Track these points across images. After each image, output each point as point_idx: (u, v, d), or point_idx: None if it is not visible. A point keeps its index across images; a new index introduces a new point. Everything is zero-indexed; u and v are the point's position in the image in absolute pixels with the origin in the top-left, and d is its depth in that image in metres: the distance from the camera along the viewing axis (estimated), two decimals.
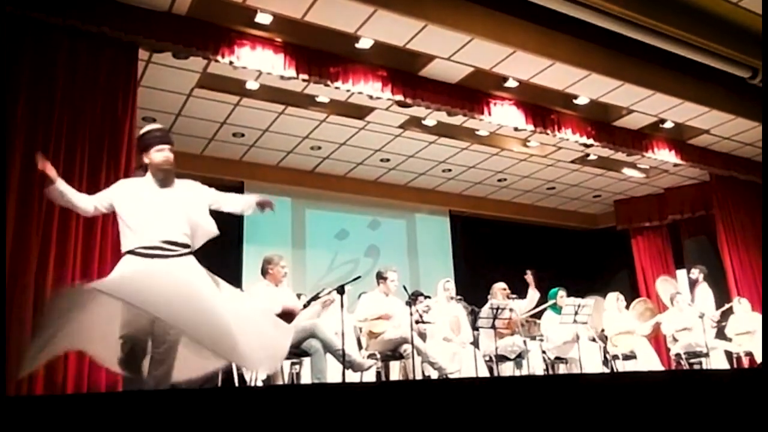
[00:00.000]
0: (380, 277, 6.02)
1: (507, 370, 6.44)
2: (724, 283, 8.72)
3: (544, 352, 6.88)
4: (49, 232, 4.56)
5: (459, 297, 6.50)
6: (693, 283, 8.46)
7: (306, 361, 5.39)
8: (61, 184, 3.27)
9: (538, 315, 7.37)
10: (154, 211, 3.29)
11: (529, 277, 7.11)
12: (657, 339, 8.38)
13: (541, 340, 6.99)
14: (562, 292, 7.23)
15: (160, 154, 3.39)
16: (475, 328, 6.22)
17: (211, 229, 3.45)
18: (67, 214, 4.62)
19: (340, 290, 4.83)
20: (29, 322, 4.18)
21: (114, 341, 3.14)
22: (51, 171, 3.23)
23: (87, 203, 3.36)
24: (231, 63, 5.61)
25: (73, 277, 4.55)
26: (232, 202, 3.61)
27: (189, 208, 3.38)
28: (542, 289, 7.31)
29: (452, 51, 6.19)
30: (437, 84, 6.70)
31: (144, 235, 3.24)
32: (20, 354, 3.36)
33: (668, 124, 8.00)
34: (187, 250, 3.33)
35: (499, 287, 6.91)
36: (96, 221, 4.63)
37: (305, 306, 5.28)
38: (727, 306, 7.97)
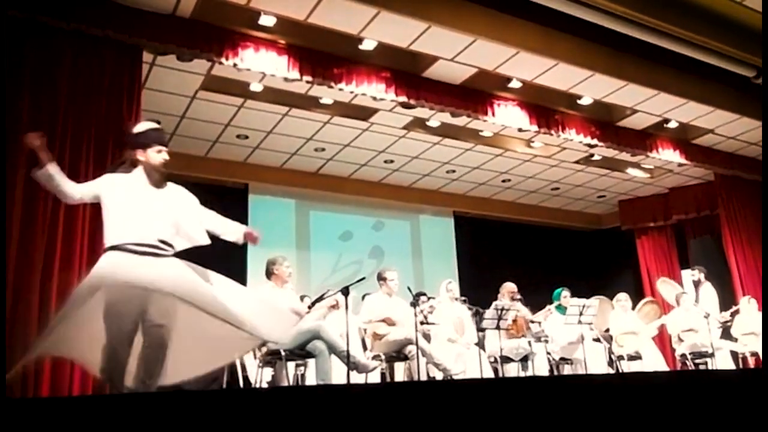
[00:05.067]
0: (380, 278, 6.01)
1: (512, 371, 6.43)
2: (730, 283, 8.69)
3: (548, 352, 6.86)
4: (54, 232, 4.57)
5: (463, 298, 6.49)
6: (696, 284, 8.43)
7: (311, 362, 5.39)
8: (53, 167, 3.16)
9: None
10: (150, 210, 3.22)
11: None
12: (662, 339, 8.35)
13: (546, 341, 6.97)
14: (566, 293, 7.21)
15: (159, 156, 3.33)
16: (480, 329, 6.20)
17: (198, 238, 3.39)
18: (72, 213, 4.63)
19: (345, 292, 4.82)
20: (34, 322, 4.18)
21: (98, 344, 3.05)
22: (44, 153, 3.13)
23: (74, 190, 3.25)
24: (235, 65, 5.62)
25: (79, 276, 4.54)
26: (218, 223, 3.50)
27: (179, 212, 3.35)
28: (546, 289, 7.29)
29: (456, 52, 6.18)
30: (441, 85, 6.70)
31: (137, 231, 3.16)
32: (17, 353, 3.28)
33: (672, 124, 7.98)
34: (172, 251, 3.29)
35: (508, 288, 6.88)
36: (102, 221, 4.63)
37: (310, 308, 5.28)
38: (735, 308, 7.92)
